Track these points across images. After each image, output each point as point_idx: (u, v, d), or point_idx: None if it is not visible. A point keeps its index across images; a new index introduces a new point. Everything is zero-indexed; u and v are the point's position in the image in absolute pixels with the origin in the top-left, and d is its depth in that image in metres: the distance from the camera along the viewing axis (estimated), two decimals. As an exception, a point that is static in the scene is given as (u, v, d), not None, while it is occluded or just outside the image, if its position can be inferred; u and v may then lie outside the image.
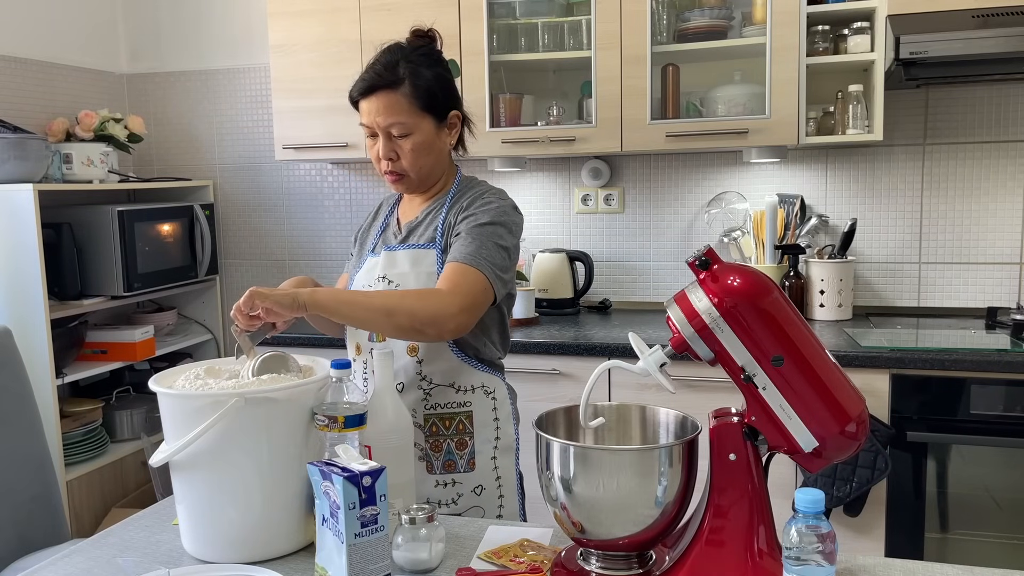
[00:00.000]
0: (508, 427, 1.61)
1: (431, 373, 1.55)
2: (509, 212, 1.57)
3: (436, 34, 1.62)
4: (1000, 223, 2.76)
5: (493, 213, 1.55)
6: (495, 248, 1.50)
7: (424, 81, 1.54)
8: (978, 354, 2.22)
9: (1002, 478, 2.24)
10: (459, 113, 1.61)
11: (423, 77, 1.54)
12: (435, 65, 1.57)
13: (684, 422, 1.23)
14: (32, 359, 2.54)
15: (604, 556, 1.17)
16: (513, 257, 1.55)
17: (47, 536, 1.96)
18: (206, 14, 3.43)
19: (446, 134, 1.61)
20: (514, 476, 1.63)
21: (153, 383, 1.28)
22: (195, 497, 1.26)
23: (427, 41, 1.60)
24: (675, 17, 2.74)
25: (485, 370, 1.59)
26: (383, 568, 1.12)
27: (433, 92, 1.55)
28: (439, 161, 1.62)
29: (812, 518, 0.99)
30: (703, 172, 3.00)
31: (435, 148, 1.59)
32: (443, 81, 1.57)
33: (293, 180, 3.42)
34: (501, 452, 1.60)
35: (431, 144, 1.57)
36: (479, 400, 1.57)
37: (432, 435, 1.55)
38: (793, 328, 1.10)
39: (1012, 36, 2.26)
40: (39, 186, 2.56)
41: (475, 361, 1.58)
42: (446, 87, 1.58)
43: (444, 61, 1.60)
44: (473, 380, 1.57)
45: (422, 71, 1.54)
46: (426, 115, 1.55)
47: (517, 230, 1.58)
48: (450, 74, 1.60)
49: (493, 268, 1.48)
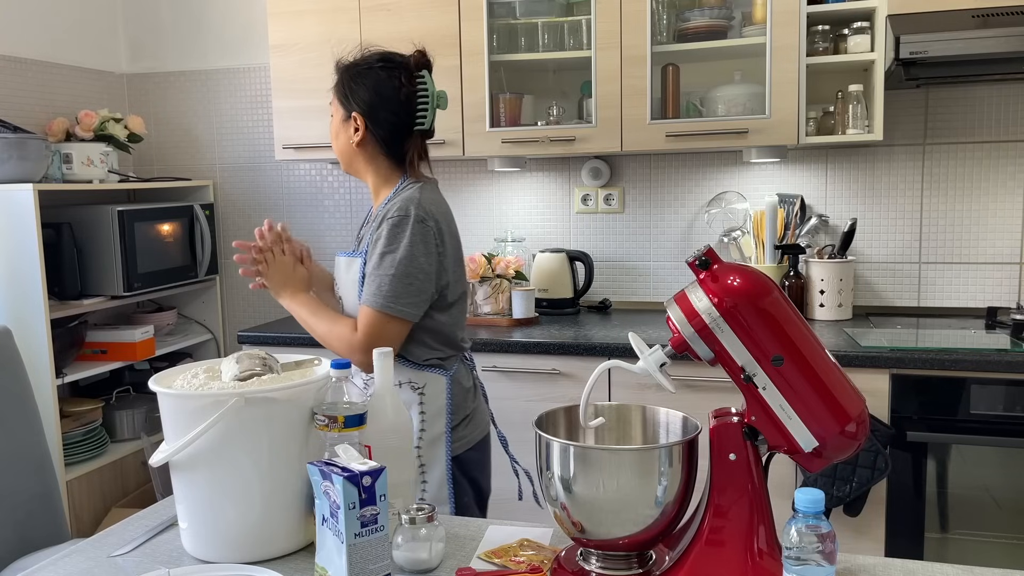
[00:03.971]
0: (438, 421, 1.73)
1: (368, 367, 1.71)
2: (402, 233, 1.67)
3: (413, 60, 1.75)
4: (1000, 223, 2.76)
5: (384, 241, 1.68)
6: (388, 281, 1.65)
7: (349, 77, 1.75)
8: (978, 354, 2.22)
9: (1002, 478, 2.24)
10: (362, 119, 1.74)
11: (351, 73, 1.75)
12: (370, 72, 1.73)
13: (684, 422, 1.23)
14: (32, 359, 2.54)
15: (604, 556, 1.17)
16: (416, 274, 1.66)
17: (47, 536, 1.96)
18: (206, 14, 3.43)
19: (349, 130, 1.76)
20: (443, 467, 1.73)
21: (153, 383, 1.28)
22: (195, 497, 1.26)
23: (415, 57, 1.75)
24: (675, 17, 2.74)
25: (414, 368, 1.73)
26: (383, 568, 1.12)
27: (348, 87, 1.75)
28: (345, 152, 1.80)
29: (812, 518, 0.99)
30: (703, 172, 3.00)
31: (340, 137, 1.79)
32: (363, 83, 1.73)
33: (293, 180, 3.42)
34: (427, 444, 1.73)
35: (336, 131, 1.79)
36: (406, 394, 1.73)
37: None
38: (793, 328, 1.10)
39: (1012, 36, 2.26)
40: (39, 186, 2.56)
41: (403, 360, 1.73)
42: (360, 90, 1.74)
43: (385, 72, 1.73)
44: (401, 376, 1.73)
45: (359, 70, 1.74)
46: (339, 105, 1.77)
47: (416, 247, 1.67)
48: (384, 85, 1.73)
49: (390, 301, 1.65)
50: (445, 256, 1.72)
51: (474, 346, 2.56)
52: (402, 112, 1.73)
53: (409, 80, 1.73)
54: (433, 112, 1.77)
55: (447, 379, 1.75)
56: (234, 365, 1.30)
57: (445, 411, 1.74)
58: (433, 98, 1.76)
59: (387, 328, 1.66)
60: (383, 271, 1.66)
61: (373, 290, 1.66)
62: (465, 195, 3.24)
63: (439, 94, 1.77)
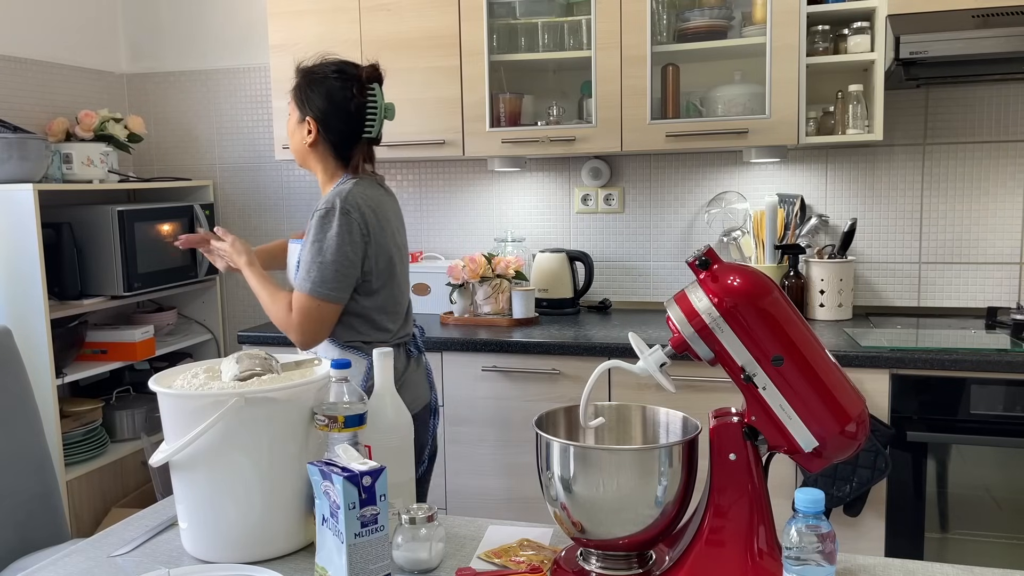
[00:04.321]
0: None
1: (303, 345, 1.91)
2: (329, 224, 1.83)
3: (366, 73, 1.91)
4: (1000, 223, 2.76)
5: (313, 231, 1.85)
6: (317, 267, 1.82)
7: (306, 83, 1.92)
8: (978, 354, 2.22)
9: (1002, 478, 2.24)
10: (315, 124, 1.92)
11: (308, 80, 1.92)
12: (325, 81, 1.90)
13: (684, 422, 1.23)
14: (32, 359, 2.54)
15: (604, 556, 1.17)
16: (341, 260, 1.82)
17: (47, 536, 1.96)
18: (206, 14, 3.43)
19: (303, 132, 1.94)
20: None
21: (153, 383, 1.28)
22: (195, 497, 1.26)
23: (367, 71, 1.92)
24: (675, 17, 2.74)
25: (337, 347, 1.91)
26: (383, 568, 1.12)
27: (304, 93, 1.92)
28: (299, 150, 1.98)
29: (812, 518, 0.99)
30: (703, 172, 3.00)
31: (295, 136, 1.97)
32: (319, 91, 1.90)
33: (293, 180, 3.42)
34: None
35: (292, 131, 1.98)
36: None
37: None
38: (793, 328, 1.10)
39: (1012, 36, 2.26)
40: (39, 186, 2.56)
41: (329, 338, 1.91)
42: (315, 97, 1.90)
43: (339, 83, 1.90)
44: (325, 354, 1.92)
45: (315, 78, 1.91)
46: (295, 108, 1.95)
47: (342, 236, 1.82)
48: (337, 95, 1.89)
49: (318, 286, 1.82)
50: (374, 242, 1.87)
51: (474, 346, 2.56)
52: (352, 121, 1.91)
53: (360, 92, 1.90)
54: (381, 122, 1.95)
55: (367, 363, 1.89)
56: (234, 365, 1.30)
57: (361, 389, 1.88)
58: (381, 110, 1.94)
59: (317, 310, 1.83)
60: (312, 258, 1.83)
61: (303, 275, 1.84)
62: (465, 195, 3.24)
63: (387, 106, 1.95)
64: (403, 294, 2.00)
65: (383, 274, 1.91)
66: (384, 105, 1.95)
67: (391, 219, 1.96)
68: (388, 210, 1.95)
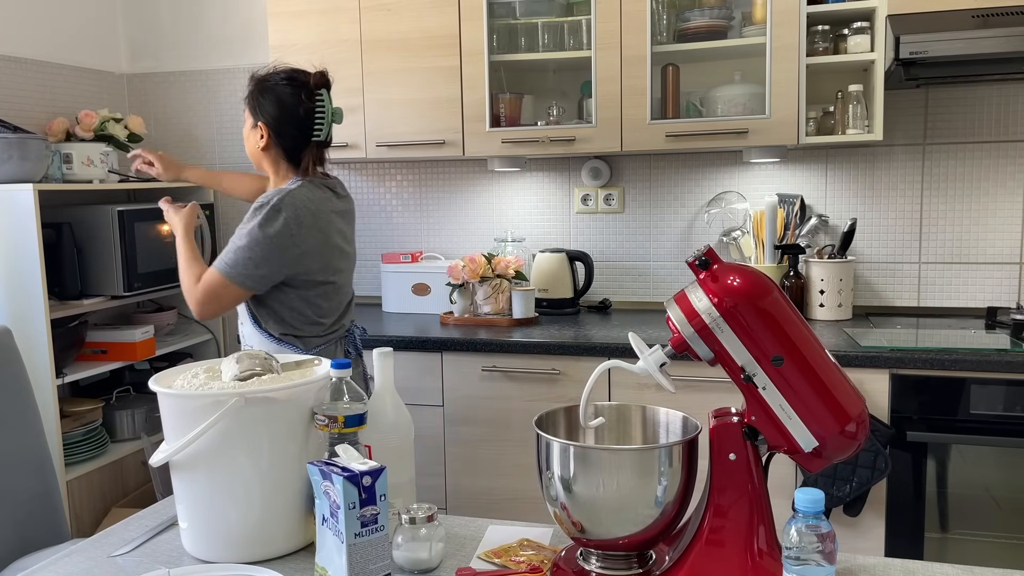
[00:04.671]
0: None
1: (244, 332, 2.07)
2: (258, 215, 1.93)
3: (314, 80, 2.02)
4: (1000, 223, 2.76)
5: (245, 220, 1.95)
6: (234, 251, 1.93)
7: (258, 91, 2.03)
8: (978, 354, 2.22)
9: (1002, 478, 2.24)
10: (267, 129, 2.03)
11: (260, 88, 2.03)
12: (276, 88, 2.01)
13: (684, 422, 1.23)
14: (32, 359, 2.54)
15: (604, 556, 1.17)
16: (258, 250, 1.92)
17: (47, 536, 1.96)
18: (206, 14, 3.43)
19: (256, 136, 2.06)
20: None
21: (153, 383, 1.28)
22: (195, 497, 1.26)
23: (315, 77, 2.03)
24: (675, 17, 2.74)
25: (271, 340, 2.02)
26: (383, 568, 1.12)
27: (256, 100, 2.03)
28: (253, 153, 2.10)
29: (812, 518, 0.99)
30: (703, 172, 3.00)
31: (249, 140, 2.09)
32: (270, 98, 2.01)
33: (293, 180, 3.42)
34: None
35: (246, 135, 2.10)
36: None
37: None
38: (793, 328, 1.10)
39: (1012, 36, 2.26)
40: (39, 186, 2.56)
41: (264, 333, 2.02)
42: (267, 104, 2.02)
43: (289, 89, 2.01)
44: (261, 346, 2.02)
45: (266, 86, 2.02)
46: (249, 114, 2.07)
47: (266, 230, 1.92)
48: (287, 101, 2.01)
49: (230, 267, 1.93)
50: (306, 242, 1.95)
51: (474, 346, 2.56)
52: (302, 125, 2.02)
53: (309, 97, 2.01)
54: (329, 126, 2.06)
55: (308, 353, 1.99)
56: (234, 365, 1.30)
57: None
58: (329, 114, 2.05)
59: (221, 289, 1.94)
60: (234, 241, 1.95)
61: (222, 255, 1.96)
62: (465, 195, 3.24)
63: (335, 111, 2.07)
64: (341, 292, 2.10)
65: (317, 272, 2.00)
66: (332, 110, 2.06)
67: (334, 220, 2.05)
68: (331, 211, 2.04)
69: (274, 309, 2.01)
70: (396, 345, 2.64)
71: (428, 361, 2.64)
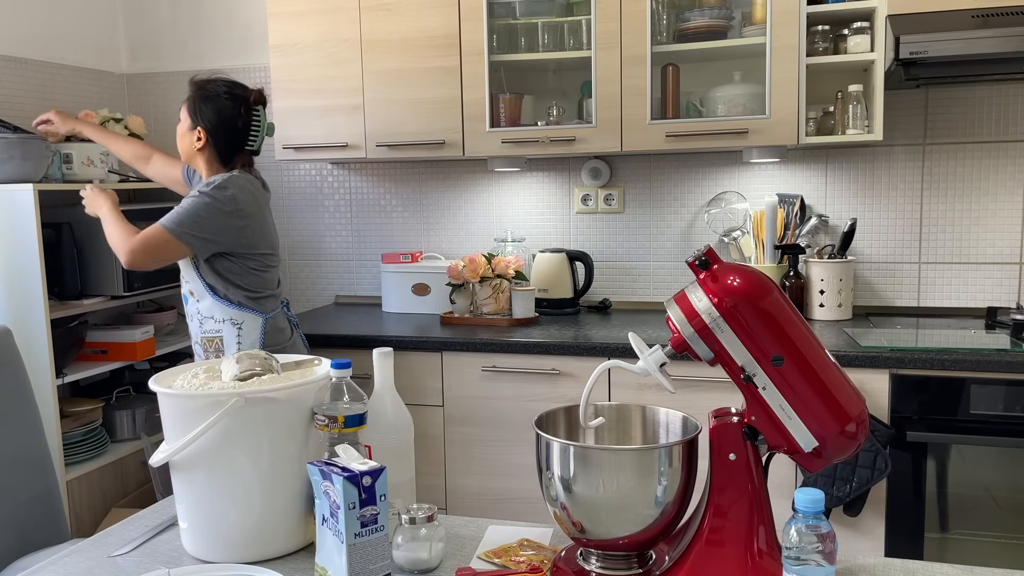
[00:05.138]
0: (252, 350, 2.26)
1: (201, 308, 2.26)
2: (206, 189, 2.15)
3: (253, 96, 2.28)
4: (1000, 223, 2.76)
5: (193, 192, 2.17)
6: (180, 212, 2.14)
7: (200, 97, 2.24)
8: (978, 354, 2.22)
9: (1002, 478, 2.24)
10: (205, 133, 2.23)
11: (202, 95, 2.24)
12: (218, 99, 2.23)
13: (684, 422, 1.23)
14: (32, 359, 2.54)
15: (604, 556, 1.17)
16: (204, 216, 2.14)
17: (47, 536, 1.96)
18: (206, 14, 3.43)
19: (192, 138, 2.26)
20: None
21: (153, 383, 1.28)
22: (195, 497, 1.26)
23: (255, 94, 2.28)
24: (675, 17, 2.74)
25: (233, 307, 2.23)
26: (383, 568, 1.12)
27: (197, 106, 2.24)
28: (188, 152, 2.30)
29: (812, 518, 0.99)
30: (703, 172, 3.00)
31: (185, 140, 2.28)
32: (210, 106, 2.23)
33: (293, 180, 3.43)
34: None
35: (182, 135, 2.29)
36: (227, 328, 2.25)
37: (205, 351, 2.30)
38: (793, 328, 1.10)
39: (1012, 36, 2.26)
40: (39, 186, 2.55)
41: (225, 301, 2.23)
42: (207, 111, 2.23)
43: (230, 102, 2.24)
44: (223, 314, 2.24)
45: (208, 94, 2.24)
46: (187, 116, 2.26)
47: (214, 201, 2.14)
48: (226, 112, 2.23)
49: (175, 224, 2.13)
50: (249, 216, 2.19)
51: (474, 346, 2.56)
52: (237, 136, 2.25)
53: (247, 112, 2.25)
54: (262, 139, 2.30)
55: (263, 318, 2.26)
56: (234, 365, 1.30)
57: (259, 343, 2.25)
58: (263, 128, 2.29)
59: (163, 243, 2.13)
60: (181, 205, 2.15)
61: (166, 216, 2.15)
62: (465, 195, 3.24)
63: (269, 125, 2.31)
64: (277, 268, 2.35)
65: (260, 245, 2.24)
66: (266, 124, 2.30)
67: (266, 205, 2.31)
68: (263, 199, 2.30)
69: (230, 280, 2.22)
70: (396, 345, 2.64)
71: (428, 361, 2.64)
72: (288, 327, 2.38)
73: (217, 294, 2.24)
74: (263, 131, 2.30)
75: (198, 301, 2.27)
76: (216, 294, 2.24)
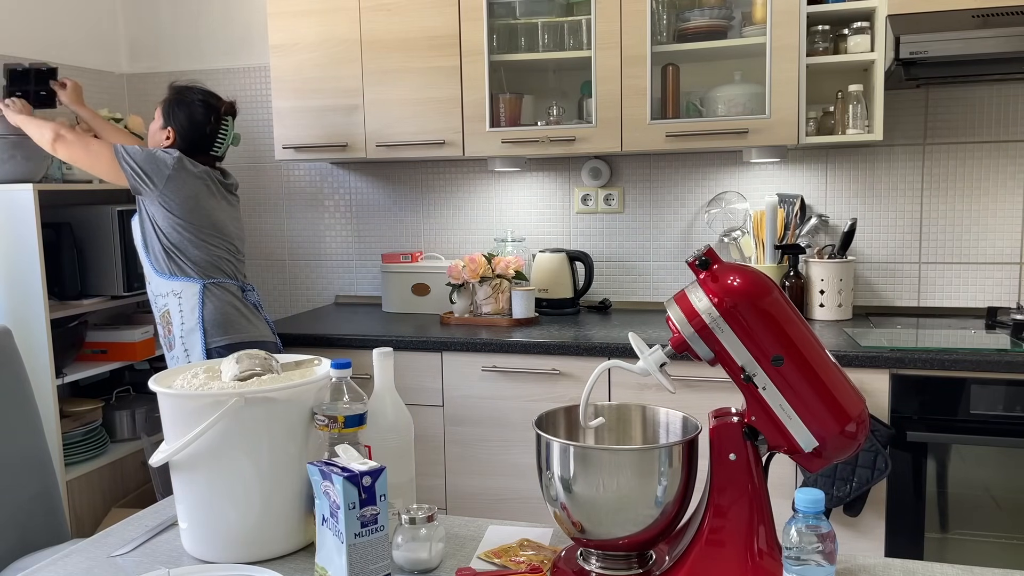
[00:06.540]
0: (191, 316, 2.36)
1: (153, 289, 2.42)
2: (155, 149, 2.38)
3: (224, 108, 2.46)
4: (1000, 223, 2.76)
5: None
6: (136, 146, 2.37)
7: (175, 101, 2.42)
8: (978, 354, 2.22)
9: (1002, 478, 2.24)
10: (175, 134, 2.41)
11: (178, 100, 2.42)
12: (192, 105, 2.41)
13: (684, 422, 1.23)
14: (32, 359, 2.54)
15: (604, 556, 1.17)
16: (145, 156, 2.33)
17: (47, 536, 1.96)
18: (206, 14, 3.43)
19: (163, 136, 2.43)
20: (199, 349, 2.35)
21: (153, 383, 1.28)
22: (195, 497, 1.26)
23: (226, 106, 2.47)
24: (675, 17, 2.74)
25: (173, 279, 2.37)
26: (383, 568, 1.12)
27: (172, 108, 2.41)
28: (156, 147, 2.43)
29: (812, 518, 0.99)
30: (703, 172, 3.00)
31: (155, 137, 2.46)
32: (184, 111, 2.41)
33: (293, 180, 3.43)
34: (186, 333, 2.37)
35: (153, 132, 2.46)
36: (171, 300, 2.39)
37: (162, 328, 2.44)
38: (793, 328, 1.10)
39: (1012, 36, 2.26)
40: (39, 186, 2.56)
41: (167, 274, 2.37)
42: (180, 115, 2.41)
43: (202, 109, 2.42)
44: (166, 288, 2.39)
45: (183, 100, 2.41)
46: (161, 116, 2.44)
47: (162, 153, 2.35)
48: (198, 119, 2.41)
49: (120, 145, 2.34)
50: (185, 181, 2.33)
51: (474, 346, 2.56)
52: (204, 140, 2.43)
53: (217, 121, 2.43)
54: (226, 147, 2.49)
55: (199, 286, 2.36)
56: (234, 365, 1.30)
57: (197, 309, 2.35)
58: (229, 138, 2.48)
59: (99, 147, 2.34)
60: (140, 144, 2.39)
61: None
62: (465, 195, 3.24)
63: (235, 136, 2.51)
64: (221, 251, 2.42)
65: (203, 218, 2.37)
66: (233, 135, 2.49)
67: (216, 191, 2.43)
68: (218, 187, 2.43)
69: (172, 256, 2.35)
70: (396, 345, 2.64)
71: (428, 361, 2.64)
72: (246, 309, 2.45)
73: (158, 270, 2.38)
74: (228, 140, 2.48)
75: (149, 283, 2.44)
76: (158, 271, 2.39)
